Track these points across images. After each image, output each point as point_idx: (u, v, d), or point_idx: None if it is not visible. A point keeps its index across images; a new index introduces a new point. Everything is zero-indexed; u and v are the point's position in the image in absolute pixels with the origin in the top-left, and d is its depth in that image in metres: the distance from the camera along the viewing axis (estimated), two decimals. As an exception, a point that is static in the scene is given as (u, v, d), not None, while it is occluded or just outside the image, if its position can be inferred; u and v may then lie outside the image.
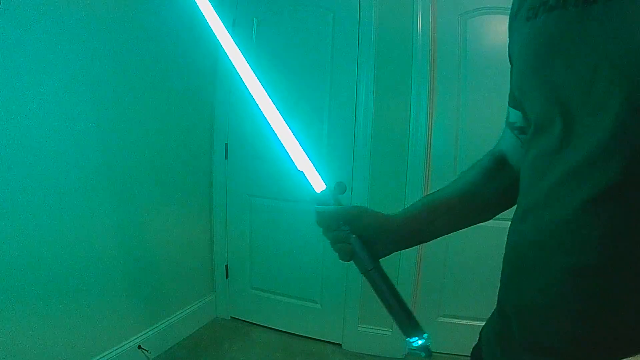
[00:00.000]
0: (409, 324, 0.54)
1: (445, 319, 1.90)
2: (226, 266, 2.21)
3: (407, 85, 1.79)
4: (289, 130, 0.62)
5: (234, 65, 0.63)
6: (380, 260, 0.58)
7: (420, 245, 1.84)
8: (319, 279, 2.03)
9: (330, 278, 2.00)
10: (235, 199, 2.15)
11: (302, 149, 0.61)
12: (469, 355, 0.64)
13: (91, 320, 1.49)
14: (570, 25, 0.38)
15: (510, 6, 0.53)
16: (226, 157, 2.12)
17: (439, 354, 1.90)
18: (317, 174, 0.59)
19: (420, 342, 0.53)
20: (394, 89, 1.82)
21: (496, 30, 1.72)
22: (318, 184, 0.58)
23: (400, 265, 1.85)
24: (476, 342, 0.61)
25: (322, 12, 1.92)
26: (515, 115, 0.56)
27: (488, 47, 1.74)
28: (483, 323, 0.58)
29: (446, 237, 0.64)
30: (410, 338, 0.53)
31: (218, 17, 0.62)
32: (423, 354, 0.53)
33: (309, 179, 0.59)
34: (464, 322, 1.84)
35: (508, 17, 0.52)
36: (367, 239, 0.56)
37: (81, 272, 1.44)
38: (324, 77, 1.93)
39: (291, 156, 0.61)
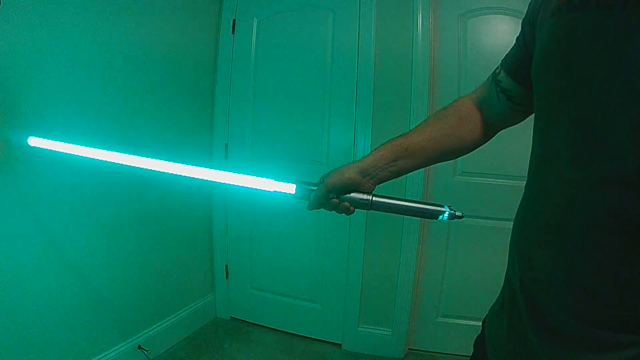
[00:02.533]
0: (429, 211, 0.62)
1: (445, 319, 1.90)
2: (226, 266, 2.21)
3: (407, 85, 1.79)
4: (245, 176, 0.75)
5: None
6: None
7: (420, 245, 1.86)
8: (319, 279, 2.03)
9: (330, 278, 2.00)
10: (234, 199, 2.15)
11: (258, 178, 0.72)
12: (470, 355, 0.64)
13: (91, 320, 1.49)
14: (590, 25, 0.39)
15: (510, 6, 0.54)
16: (226, 157, 2.12)
17: (439, 354, 1.91)
18: (283, 182, 0.68)
19: (446, 216, 0.61)
20: (394, 89, 1.82)
21: (496, 30, 1.72)
22: (290, 188, 0.67)
23: (401, 265, 1.86)
24: (479, 333, 0.62)
25: (322, 12, 1.92)
26: (508, 82, 0.61)
27: (488, 47, 1.74)
28: (483, 323, 0.59)
29: (446, 237, 0.65)
30: (437, 218, 0.62)
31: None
32: (457, 219, 0.62)
33: (283, 191, 0.68)
34: (464, 322, 1.84)
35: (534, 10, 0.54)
36: (352, 189, 0.64)
37: (81, 272, 1.45)
38: (324, 77, 1.93)
39: (259, 188, 0.72)
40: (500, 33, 1.71)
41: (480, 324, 0.62)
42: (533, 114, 0.52)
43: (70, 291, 1.41)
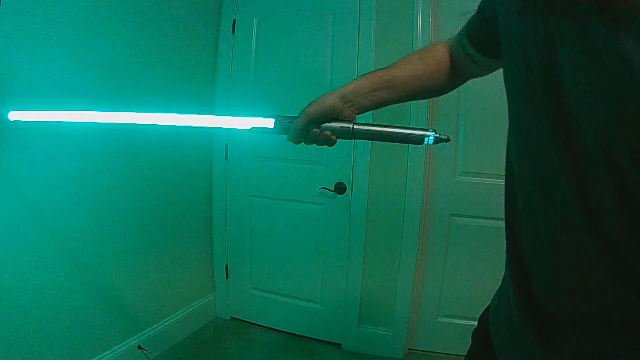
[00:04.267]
0: (413, 135, 0.62)
1: (445, 319, 1.90)
2: (226, 266, 2.21)
3: (407, 85, 1.79)
4: (222, 117, 0.73)
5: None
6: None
7: (420, 244, 1.86)
8: (318, 279, 2.03)
9: (330, 278, 2.00)
10: (235, 199, 2.15)
11: (235, 117, 0.70)
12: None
13: (91, 320, 1.49)
14: (556, 32, 0.38)
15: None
16: (226, 157, 2.13)
17: (439, 354, 1.91)
18: (259, 118, 0.66)
19: (432, 139, 0.60)
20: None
21: (496, 30, 1.72)
22: (268, 122, 0.65)
23: (400, 265, 1.86)
24: (475, 327, 0.63)
25: (322, 12, 1.92)
26: (472, 50, 0.65)
27: (488, 47, 1.74)
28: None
29: (446, 237, 0.66)
30: (423, 143, 0.61)
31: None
32: (444, 143, 0.61)
33: (261, 126, 0.66)
34: (464, 322, 1.84)
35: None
36: (333, 117, 0.63)
37: (81, 271, 1.45)
38: (324, 77, 1.93)
39: (236, 127, 0.69)
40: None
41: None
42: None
43: (70, 291, 1.41)
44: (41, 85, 1.24)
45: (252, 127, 0.66)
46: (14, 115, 0.88)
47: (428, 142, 0.60)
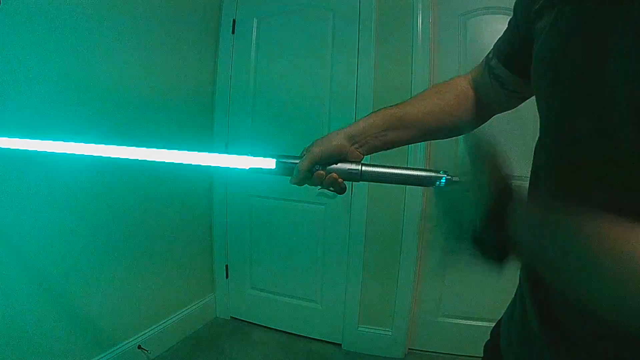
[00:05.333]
0: (425, 178, 0.58)
1: (445, 319, 1.90)
2: (226, 266, 2.21)
3: (407, 86, 1.79)
4: (214, 154, 0.67)
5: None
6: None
7: (420, 245, 1.86)
8: (319, 279, 2.03)
9: (330, 278, 2.00)
10: (235, 199, 2.15)
11: (233, 156, 0.63)
12: (470, 355, 0.63)
13: (91, 320, 1.49)
14: (585, 19, 0.37)
15: (510, 6, 0.53)
16: (226, 157, 2.12)
17: (439, 354, 1.91)
18: (259, 158, 0.60)
19: (443, 181, 0.57)
20: (394, 90, 1.82)
21: (496, 30, 1.71)
22: (269, 163, 0.60)
23: (401, 264, 1.86)
24: (488, 339, 0.59)
25: (322, 12, 1.92)
26: (501, 70, 0.58)
27: (488, 47, 1.74)
28: (483, 323, 0.58)
29: None
30: (435, 185, 0.57)
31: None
32: (456, 184, 0.57)
33: (261, 167, 0.60)
34: (464, 322, 1.83)
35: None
36: (340, 158, 0.58)
37: (81, 271, 1.45)
38: (324, 77, 1.93)
39: (235, 167, 0.62)
40: (500, 33, 1.70)
41: (480, 323, 0.61)
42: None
43: (70, 291, 1.41)
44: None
45: (251, 168, 0.60)
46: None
47: (439, 184, 0.57)
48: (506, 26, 0.59)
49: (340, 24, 1.88)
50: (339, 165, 0.58)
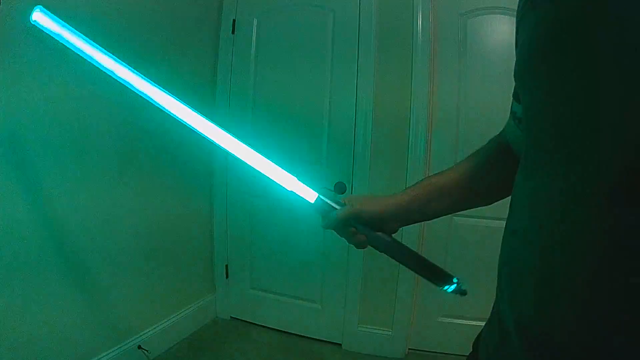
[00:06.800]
0: (437, 277, 0.60)
1: (445, 319, 1.90)
2: (226, 266, 2.21)
3: (407, 86, 1.79)
4: (266, 159, 0.69)
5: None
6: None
7: (420, 245, 1.86)
8: (319, 279, 2.03)
9: (330, 278, 2.00)
10: (235, 199, 2.15)
11: (283, 170, 0.66)
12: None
13: (91, 320, 1.49)
14: (567, 16, 0.35)
15: (510, 6, 0.52)
16: (226, 157, 2.12)
17: (439, 354, 1.91)
18: (306, 186, 0.63)
19: (452, 287, 0.59)
20: (394, 90, 1.82)
21: (496, 30, 1.72)
22: (310, 195, 0.62)
23: (401, 265, 1.85)
24: (471, 352, 0.58)
25: (322, 12, 1.92)
26: (517, 107, 0.55)
27: (488, 47, 1.74)
28: (483, 323, 0.58)
29: (445, 237, 0.64)
30: (443, 287, 0.59)
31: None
32: (460, 295, 0.61)
33: (301, 194, 0.63)
34: (464, 322, 1.84)
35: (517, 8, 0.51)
36: (374, 224, 0.59)
37: (81, 271, 1.45)
38: (324, 77, 1.93)
39: (276, 181, 0.66)
40: (500, 33, 1.71)
41: (480, 324, 0.60)
42: None
43: (70, 291, 1.41)
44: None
45: (292, 191, 0.63)
46: (39, 16, 0.63)
47: (446, 288, 0.59)
48: (506, 26, 0.57)
49: (341, 24, 1.88)
50: (379, 233, 0.60)
